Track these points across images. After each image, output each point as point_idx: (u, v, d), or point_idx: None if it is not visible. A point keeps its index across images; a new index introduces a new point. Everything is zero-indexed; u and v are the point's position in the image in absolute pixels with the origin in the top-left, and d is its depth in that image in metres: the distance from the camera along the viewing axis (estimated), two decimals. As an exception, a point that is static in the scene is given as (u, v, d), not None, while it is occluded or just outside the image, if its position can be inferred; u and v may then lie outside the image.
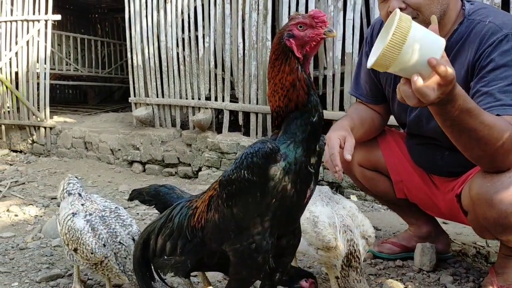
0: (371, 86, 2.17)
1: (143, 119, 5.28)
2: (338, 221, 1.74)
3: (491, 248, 2.51)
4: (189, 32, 5.01)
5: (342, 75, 4.13)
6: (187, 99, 5.11)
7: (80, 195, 2.04)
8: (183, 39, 5.07)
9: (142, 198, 2.00)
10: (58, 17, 6.02)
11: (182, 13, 5.03)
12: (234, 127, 4.86)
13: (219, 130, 4.88)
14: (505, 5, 3.36)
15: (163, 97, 5.29)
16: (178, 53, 5.12)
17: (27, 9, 5.93)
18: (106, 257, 1.75)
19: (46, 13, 5.88)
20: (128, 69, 5.78)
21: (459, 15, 1.80)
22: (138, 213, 3.28)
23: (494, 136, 1.45)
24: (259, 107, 4.56)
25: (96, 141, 5.51)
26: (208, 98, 4.98)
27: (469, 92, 1.62)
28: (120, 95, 9.98)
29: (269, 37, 4.45)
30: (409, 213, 2.35)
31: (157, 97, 5.33)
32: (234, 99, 4.88)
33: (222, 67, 4.82)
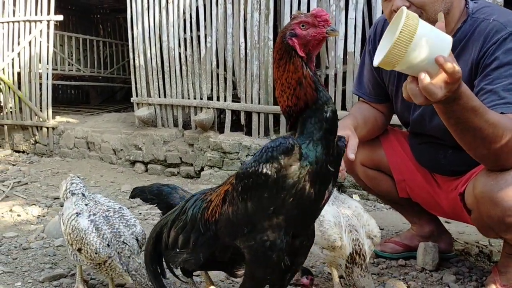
0: (374, 85, 2.17)
1: (145, 119, 5.29)
2: (343, 220, 1.74)
3: (494, 247, 2.50)
4: (191, 32, 5.01)
5: (344, 74, 4.13)
6: (189, 99, 5.12)
7: (83, 195, 2.04)
8: (185, 39, 5.07)
9: (144, 196, 2.00)
10: (60, 17, 6.03)
11: (184, 13, 5.03)
12: (236, 127, 4.86)
13: (221, 130, 4.88)
14: (508, 4, 3.36)
15: (165, 97, 5.30)
16: (180, 53, 5.12)
17: (29, 10, 5.94)
18: (110, 257, 1.75)
19: (48, 13, 5.89)
20: (130, 69, 5.79)
21: (463, 14, 1.79)
22: (140, 213, 3.28)
23: (498, 134, 1.45)
24: (261, 107, 4.57)
25: (98, 141, 5.51)
26: (210, 98, 4.98)
27: (473, 90, 1.61)
28: (122, 95, 9.99)
29: (271, 36, 4.45)
30: (412, 212, 2.35)
31: (159, 97, 5.34)
32: (236, 99, 4.89)
33: (224, 67, 4.82)
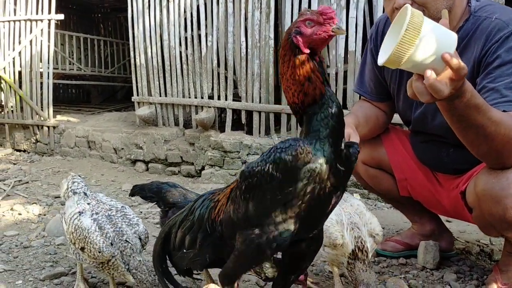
0: (375, 83, 2.17)
1: (146, 118, 5.29)
2: (345, 218, 1.74)
3: (495, 246, 2.50)
4: (192, 31, 5.01)
5: (345, 73, 4.13)
6: (190, 98, 5.11)
7: (85, 194, 2.03)
8: (186, 38, 5.07)
9: (143, 194, 2.00)
10: (61, 16, 6.02)
11: (184, 12, 5.03)
12: (237, 126, 4.86)
13: (222, 129, 4.88)
14: (509, 3, 3.35)
15: (166, 96, 5.30)
16: (181, 52, 5.12)
17: (30, 9, 5.94)
18: (113, 256, 1.75)
19: (49, 12, 5.89)
20: (131, 68, 5.79)
21: (465, 12, 1.79)
22: (141, 212, 3.28)
23: (501, 132, 1.45)
24: (262, 106, 4.56)
25: (99, 140, 5.52)
26: (211, 97, 4.98)
27: (475, 88, 1.61)
28: (123, 95, 10.00)
29: (272, 35, 4.45)
30: (413, 211, 2.35)
31: (160, 96, 5.34)
32: (237, 98, 4.89)
33: (225, 65, 4.82)
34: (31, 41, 5.97)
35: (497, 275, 1.87)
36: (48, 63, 5.93)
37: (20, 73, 6.09)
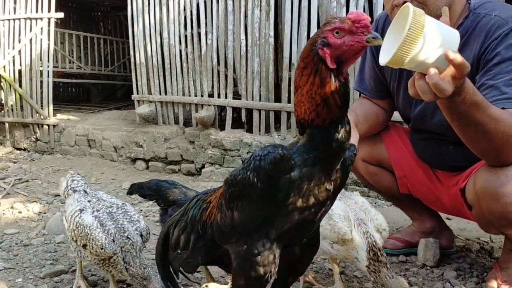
0: (375, 81, 2.17)
1: (146, 116, 5.29)
2: (352, 214, 1.73)
3: (495, 243, 2.50)
4: (191, 29, 5.00)
5: (345, 71, 4.12)
6: (190, 96, 5.11)
7: (85, 191, 2.04)
8: (186, 36, 5.06)
9: (142, 192, 2.00)
10: (61, 15, 6.02)
11: (184, 10, 5.02)
12: (237, 124, 4.86)
13: (222, 127, 4.88)
14: (509, 0, 3.34)
15: (166, 94, 5.30)
16: (180, 50, 5.12)
17: (30, 7, 5.94)
18: (115, 253, 1.75)
19: (49, 11, 5.88)
20: (131, 67, 5.78)
21: (465, 9, 1.79)
22: (141, 210, 3.28)
23: (500, 129, 1.45)
24: (262, 104, 4.56)
25: (99, 139, 5.52)
26: (211, 95, 4.98)
27: (474, 85, 1.61)
28: (123, 93, 10.00)
29: (271, 33, 4.45)
30: (413, 208, 2.35)
31: (160, 94, 5.33)
32: (237, 96, 4.88)
33: (225, 64, 4.82)
34: (31, 40, 5.97)
35: (497, 272, 1.88)
36: (48, 61, 5.93)
37: (20, 71, 6.09)
